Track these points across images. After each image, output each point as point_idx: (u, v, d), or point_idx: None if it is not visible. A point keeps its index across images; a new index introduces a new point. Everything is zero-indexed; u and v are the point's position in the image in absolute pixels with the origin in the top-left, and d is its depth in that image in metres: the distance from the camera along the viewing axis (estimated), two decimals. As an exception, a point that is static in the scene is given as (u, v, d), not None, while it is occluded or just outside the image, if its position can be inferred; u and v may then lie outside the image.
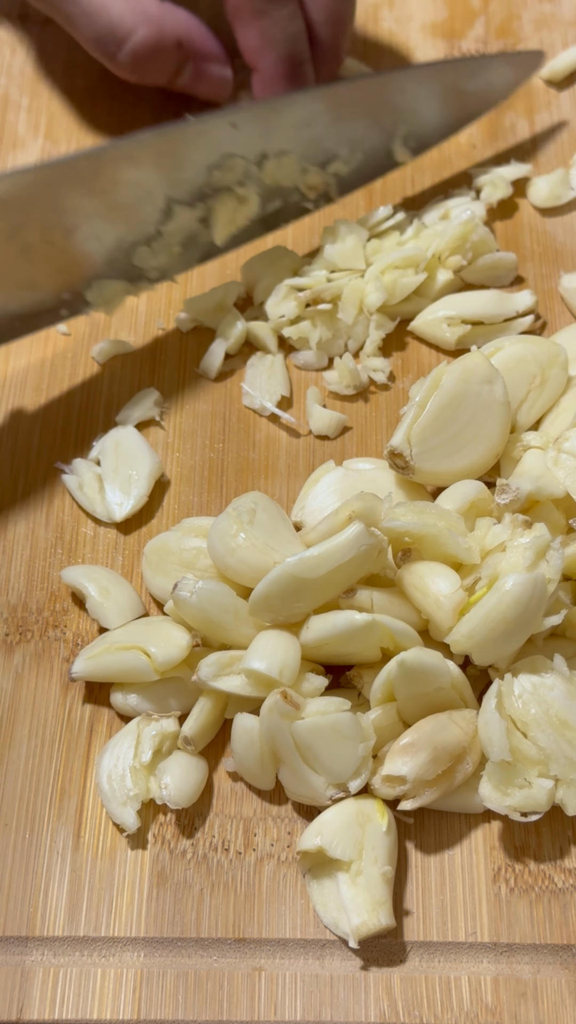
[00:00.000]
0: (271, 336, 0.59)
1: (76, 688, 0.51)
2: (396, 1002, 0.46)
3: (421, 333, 0.59)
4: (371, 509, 0.48)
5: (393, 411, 0.58)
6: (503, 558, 0.47)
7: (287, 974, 0.46)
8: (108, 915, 0.47)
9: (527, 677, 0.47)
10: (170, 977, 0.46)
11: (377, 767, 0.47)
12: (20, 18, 0.70)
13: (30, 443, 0.57)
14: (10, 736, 0.50)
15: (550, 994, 0.46)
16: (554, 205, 0.64)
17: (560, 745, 0.46)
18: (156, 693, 0.50)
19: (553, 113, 0.67)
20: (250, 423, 0.58)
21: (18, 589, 0.54)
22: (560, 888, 0.47)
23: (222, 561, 0.49)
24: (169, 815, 0.49)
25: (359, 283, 0.58)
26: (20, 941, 0.47)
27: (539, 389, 0.54)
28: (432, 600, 0.47)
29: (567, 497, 0.50)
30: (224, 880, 0.48)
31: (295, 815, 0.49)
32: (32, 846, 0.48)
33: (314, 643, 0.48)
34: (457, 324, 0.58)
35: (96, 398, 0.58)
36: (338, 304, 0.58)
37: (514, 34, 0.70)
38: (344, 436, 0.57)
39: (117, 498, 0.55)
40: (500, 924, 0.47)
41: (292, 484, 0.56)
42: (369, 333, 0.59)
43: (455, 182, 0.65)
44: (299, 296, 0.58)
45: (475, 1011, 0.45)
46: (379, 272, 0.58)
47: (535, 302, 0.59)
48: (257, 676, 0.47)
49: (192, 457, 0.57)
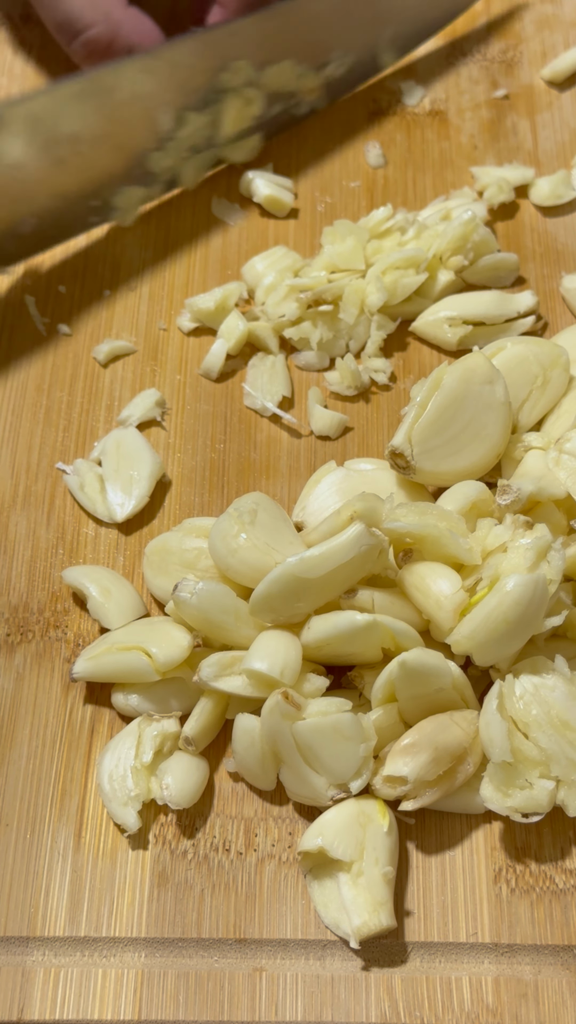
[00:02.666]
0: (272, 336, 0.59)
1: (77, 688, 0.51)
2: (397, 1002, 0.46)
3: (422, 334, 0.59)
4: (372, 509, 0.48)
5: (394, 411, 0.58)
6: (504, 559, 0.47)
7: (288, 974, 0.46)
8: (109, 915, 0.47)
9: (528, 678, 0.47)
10: (171, 977, 0.46)
11: (378, 768, 0.47)
12: (22, 19, 0.70)
13: (31, 443, 0.57)
14: (11, 736, 0.50)
15: (551, 995, 0.46)
16: (555, 205, 0.64)
17: (561, 746, 0.46)
18: (157, 693, 0.50)
19: (554, 114, 0.67)
20: (251, 423, 0.58)
21: (19, 589, 0.54)
22: (561, 889, 0.47)
23: (223, 561, 0.49)
24: (170, 815, 0.49)
25: (360, 284, 0.58)
26: (21, 941, 0.47)
27: (541, 390, 0.54)
28: (433, 601, 0.47)
29: (568, 498, 0.50)
30: (225, 880, 0.48)
31: (296, 815, 0.49)
32: (33, 846, 0.48)
33: (315, 643, 0.48)
34: (458, 325, 0.58)
35: (97, 399, 0.58)
36: (339, 305, 0.58)
37: (515, 35, 0.70)
38: (345, 436, 0.57)
39: (118, 498, 0.55)
40: (501, 925, 0.47)
41: (293, 484, 0.56)
42: (370, 334, 0.59)
43: (456, 182, 0.65)
44: (300, 297, 0.58)
45: (476, 1012, 0.45)
46: (380, 272, 0.58)
47: (536, 303, 0.59)
48: (258, 676, 0.47)
49: (193, 457, 0.57)
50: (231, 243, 0.63)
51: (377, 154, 0.65)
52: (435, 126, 0.67)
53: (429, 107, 0.67)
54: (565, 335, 0.58)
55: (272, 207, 0.63)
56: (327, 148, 0.66)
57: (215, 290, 0.60)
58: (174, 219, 0.64)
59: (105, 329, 0.60)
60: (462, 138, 0.66)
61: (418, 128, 0.67)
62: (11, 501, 0.56)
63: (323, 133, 0.66)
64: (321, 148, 0.66)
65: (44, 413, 0.58)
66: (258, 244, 0.63)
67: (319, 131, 0.66)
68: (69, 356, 0.60)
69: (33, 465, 0.57)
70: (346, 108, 0.67)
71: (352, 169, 0.65)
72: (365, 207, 0.64)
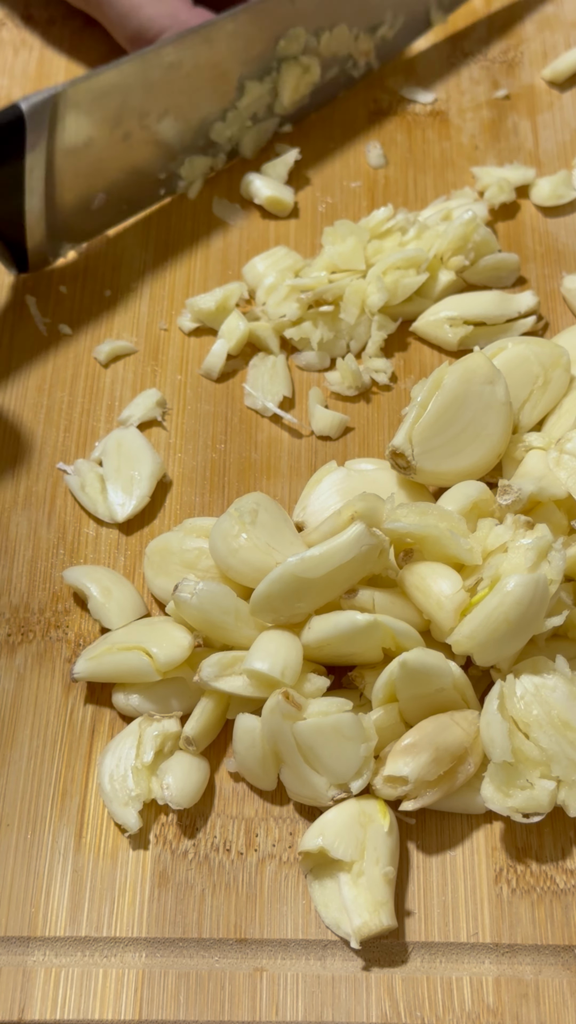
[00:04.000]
0: (273, 336, 0.59)
1: (78, 688, 0.51)
2: (398, 1003, 0.46)
3: (423, 334, 0.59)
4: (373, 509, 0.48)
5: (395, 412, 0.58)
6: (505, 559, 0.47)
7: (288, 975, 0.46)
8: (110, 915, 0.47)
9: (529, 678, 0.47)
10: (172, 977, 0.46)
11: (379, 768, 0.47)
12: (24, 19, 0.70)
13: (32, 443, 0.57)
14: (12, 736, 0.50)
15: (552, 995, 0.46)
16: (556, 205, 0.64)
17: (562, 746, 0.46)
18: (158, 693, 0.50)
19: (555, 114, 0.67)
20: (252, 424, 0.58)
21: (20, 589, 0.54)
22: (562, 889, 0.47)
23: (224, 561, 0.49)
24: (171, 815, 0.49)
25: (361, 284, 0.58)
26: (22, 941, 0.47)
27: (542, 390, 0.54)
28: (434, 601, 0.47)
29: (569, 498, 0.50)
30: (226, 880, 0.48)
31: (297, 816, 0.49)
32: (34, 846, 0.48)
33: (316, 643, 0.48)
34: (459, 325, 0.58)
35: (98, 399, 0.58)
36: (340, 305, 0.58)
37: (516, 35, 0.70)
38: (346, 437, 0.57)
39: (119, 498, 0.55)
40: (502, 925, 0.47)
41: (294, 485, 0.56)
42: (371, 334, 0.59)
43: (457, 182, 0.65)
44: (301, 297, 0.58)
45: (477, 1012, 0.45)
46: (381, 273, 0.58)
47: (537, 303, 0.59)
48: (259, 676, 0.47)
49: (194, 458, 0.57)
50: (232, 243, 0.63)
51: (378, 154, 0.65)
52: (436, 126, 0.67)
53: (430, 107, 0.67)
54: (566, 335, 0.58)
55: (273, 208, 0.63)
56: (328, 148, 0.66)
57: (216, 290, 0.60)
58: (175, 219, 0.64)
59: (106, 329, 0.60)
60: (463, 138, 0.66)
61: (419, 128, 0.67)
62: (12, 501, 0.56)
63: (324, 133, 0.66)
64: (322, 148, 0.66)
65: (45, 413, 0.58)
66: (259, 244, 0.63)
67: (320, 131, 0.66)
68: (70, 356, 0.60)
69: (34, 465, 0.57)
70: (347, 108, 0.67)
71: (353, 169, 0.65)
72: (366, 207, 0.64)
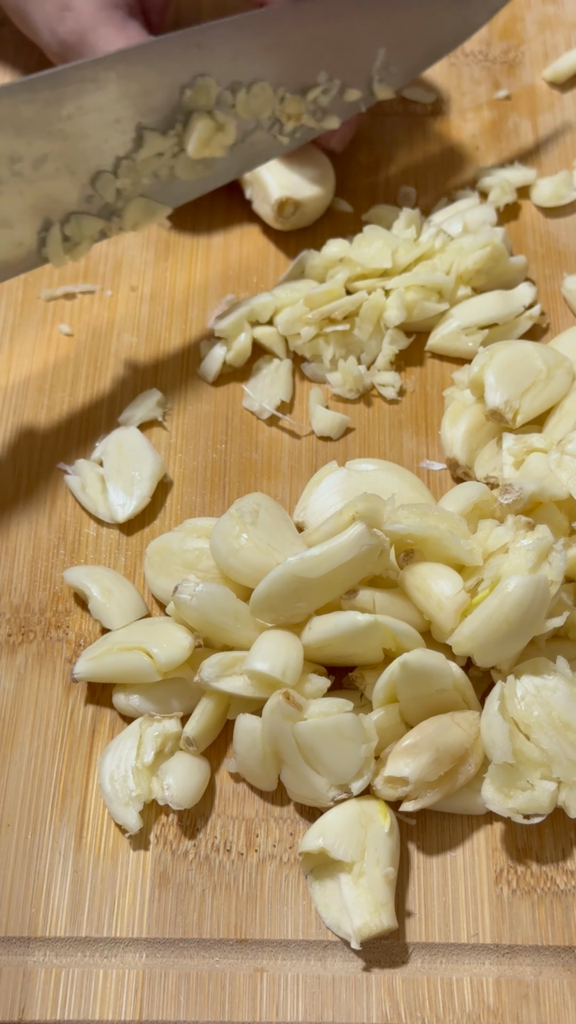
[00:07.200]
0: (280, 343, 0.58)
1: (78, 689, 0.51)
2: (398, 1003, 0.46)
3: (441, 350, 0.59)
4: (374, 510, 0.48)
5: (395, 412, 0.58)
6: (505, 560, 0.47)
7: (289, 975, 0.46)
8: (110, 916, 0.47)
9: (529, 679, 0.47)
10: (172, 978, 0.46)
11: (379, 768, 0.47)
12: None
13: (33, 444, 0.57)
14: (12, 737, 0.50)
15: (552, 996, 0.46)
16: (557, 206, 0.64)
17: (563, 747, 0.46)
18: (158, 694, 0.50)
19: (556, 115, 0.67)
20: (253, 424, 0.58)
21: (21, 590, 0.54)
22: (562, 890, 0.47)
23: (225, 562, 0.49)
24: (171, 816, 0.49)
25: (379, 300, 0.57)
26: (22, 942, 0.47)
27: (544, 383, 0.54)
28: (434, 601, 0.47)
29: (570, 499, 0.50)
30: (226, 881, 0.48)
31: (297, 816, 0.49)
32: (34, 847, 0.48)
33: (316, 644, 0.48)
34: (474, 332, 0.58)
35: (99, 399, 0.58)
36: (354, 321, 0.58)
37: (517, 35, 0.70)
38: (347, 437, 0.57)
39: (120, 499, 0.55)
40: (502, 925, 0.47)
41: (294, 485, 0.56)
42: (382, 348, 0.58)
43: (457, 183, 0.65)
44: (309, 318, 0.57)
45: (477, 1012, 0.45)
46: (404, 289, 0.58)
47: (535, 291, 0.59)
48: (260, 677, 0.47)
49: (195, 458, 0.57)
50: (232, 243, 0.63)
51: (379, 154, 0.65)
52: (437, 126, 0.67)
53: (431, 107, 0.67)
54: (567, 336, 0.58)
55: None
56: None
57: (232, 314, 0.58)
58: (175, 219, 0.64)
59: (107, 329, 0.60)
60: (464, 139, 0.66)
61: (420, 128, 0.67)
62: (12, 501, 0.56)
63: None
64: (323, 148, 0.66)
65: (45, 413, 0.58)
66: (259, 244, 0.63)
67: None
68: (70, 356, 0.60)
69: (35, 465, 0.57)
70: (348, 108, 0.67)
71: (354, 169, 0.65)
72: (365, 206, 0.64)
